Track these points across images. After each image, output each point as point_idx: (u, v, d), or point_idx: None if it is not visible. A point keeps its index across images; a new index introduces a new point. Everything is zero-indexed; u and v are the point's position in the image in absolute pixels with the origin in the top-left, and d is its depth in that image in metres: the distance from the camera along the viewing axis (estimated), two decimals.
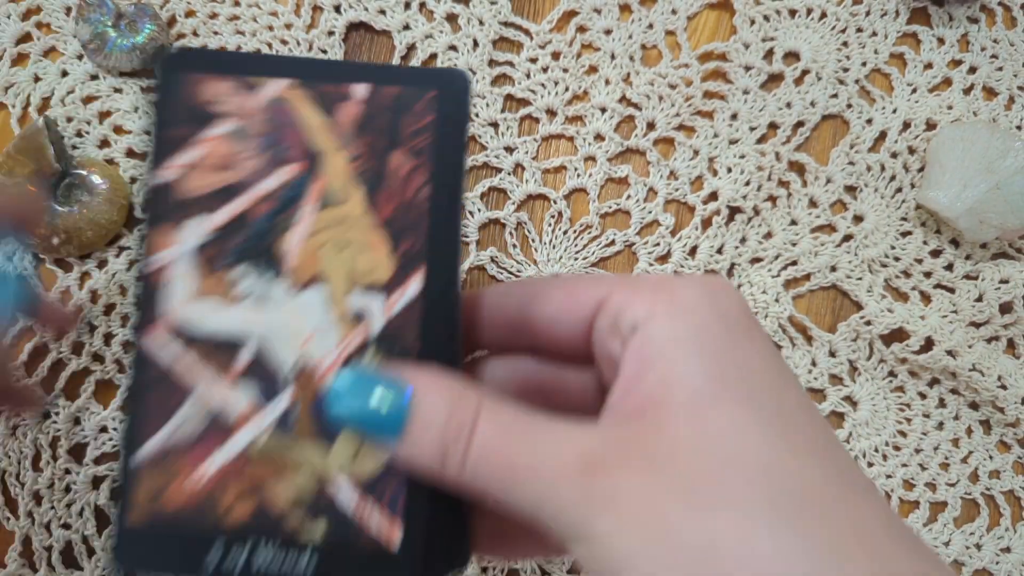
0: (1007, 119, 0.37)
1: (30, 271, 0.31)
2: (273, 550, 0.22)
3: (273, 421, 0.22)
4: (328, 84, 0.23)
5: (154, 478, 0.22)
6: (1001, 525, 0.36)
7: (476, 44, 0.36)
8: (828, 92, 0.37)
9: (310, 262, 0.23)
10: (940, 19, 0.38)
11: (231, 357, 0.22)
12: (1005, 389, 0.35)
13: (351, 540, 0.22)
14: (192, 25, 0.36)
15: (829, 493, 0.18)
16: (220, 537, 0.22)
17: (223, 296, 0.22)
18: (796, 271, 0.37)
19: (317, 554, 0.22)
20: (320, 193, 0.23)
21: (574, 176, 0.37)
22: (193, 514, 0.22)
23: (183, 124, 0.23)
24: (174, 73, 0.23)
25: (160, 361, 0.22)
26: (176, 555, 0.22)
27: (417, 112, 0.23)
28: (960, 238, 0.37)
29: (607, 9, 0.36)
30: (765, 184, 0.36)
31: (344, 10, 0.36)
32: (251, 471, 0.22)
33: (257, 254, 0.22)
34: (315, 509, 0.22)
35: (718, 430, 0.18)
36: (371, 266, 0.22)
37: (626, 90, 0.37)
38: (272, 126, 0.23)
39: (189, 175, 0.22)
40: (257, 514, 0.22)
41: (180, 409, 0.22)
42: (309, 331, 0.22)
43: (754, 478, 0.18)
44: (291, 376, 0.22)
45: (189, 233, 0.22)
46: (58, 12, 0.36)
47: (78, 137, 0.36)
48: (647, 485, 0.18)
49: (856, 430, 0.36)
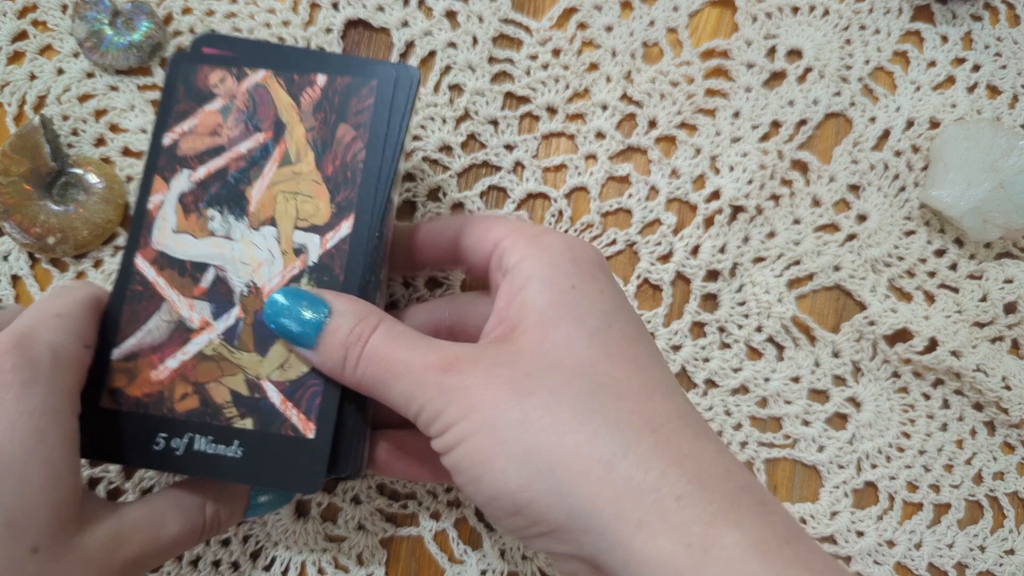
0: (1011, 117, 0.37)
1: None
2: (209, 439, 0.27)
3: (222, 332, 0.27)
4: (296, 73, 0.29)
5: (125, 370, 0.27)
6: (1005, 527, 0.36)
7: (475, 41, 0.36)
8: (831, 90, 0.36)
9: (267, 206, 0.28)
10: (943, 17, 0.37)
11: (196, 279, 0.28)
12: (1009, 390, 0.35)
13: (273, 430, 0.27)
14: (189, 22, 0.36)
15: (631, 388, 0.23)
16: (167, 424, 0.27)
17: (197, 231, 0.28)
18: (799, 271, 0.36)
19: (246, 440, 0.27)
20: (281, 154, 0.29)
21: (575, 174, 0.36)
22: (151, 401, 0.27)
23: (187, 100, 0.29)
24: (182, 62, 0.29)
25: (142, 277, 0.28)
26: (130, 438, 0.27)
27: (363, 95, 0.28)
28: (964, 237, 0.36)
29: (608, 6, 0.36)
30: (768, 183, 0.36)
31: (342, 7, 0.36)
32: (200, 371, 0.27)
33: (228, 200, 0.28)
34: (247, 404, 0.27)
35: (552, 341, 0.23)
36: (313, 211, 0.28)
37: (627, 87, 0.36)
38: (252, 104, 0.29)
39: (185, 138, 0.29)
40: (200, 406, 0.27)
41: (152, 317, 0.28)
42: (260, 261, 0.28)
43: (569, 374, 0.23)
44: (240, 297, 0.28)
45: (177, 182, 0.28)
46: (54, 10, 0.36)
47: (74, 135, 0.35)
48: (488, 380, 0.23)
49: (860, 431, 0.36)
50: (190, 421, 0.27)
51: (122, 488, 0.34)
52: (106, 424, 0.27)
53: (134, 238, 0.28)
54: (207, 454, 0.27)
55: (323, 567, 0.35)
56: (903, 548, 0.36)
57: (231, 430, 0.27)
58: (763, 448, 0.36)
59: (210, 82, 0.29)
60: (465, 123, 0.36)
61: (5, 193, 0.34)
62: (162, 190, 0.28)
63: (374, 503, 0.35)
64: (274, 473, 0.26)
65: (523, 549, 0.35)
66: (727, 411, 0.36)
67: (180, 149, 0.29)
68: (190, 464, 0.27)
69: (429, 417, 0.23)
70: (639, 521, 0.20)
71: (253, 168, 0.28)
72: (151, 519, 0.26)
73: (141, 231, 0.28)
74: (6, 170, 0.34)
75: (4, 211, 0.34)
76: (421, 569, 0.35)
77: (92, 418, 0.27)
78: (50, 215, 0.34)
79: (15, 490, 0.22)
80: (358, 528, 0.35)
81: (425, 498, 0.35)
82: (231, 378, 0.27)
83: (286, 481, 0.26)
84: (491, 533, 0.35)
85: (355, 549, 0.35)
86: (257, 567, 0.34)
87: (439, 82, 0.36)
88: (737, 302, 0.36)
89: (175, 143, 0.29)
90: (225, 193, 0.28)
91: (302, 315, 0.25)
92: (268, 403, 0.27)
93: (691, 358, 0.36)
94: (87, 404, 0.27)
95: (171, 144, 0.29)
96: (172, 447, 0.27)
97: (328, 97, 0.28)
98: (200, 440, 0.27)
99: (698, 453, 0.22)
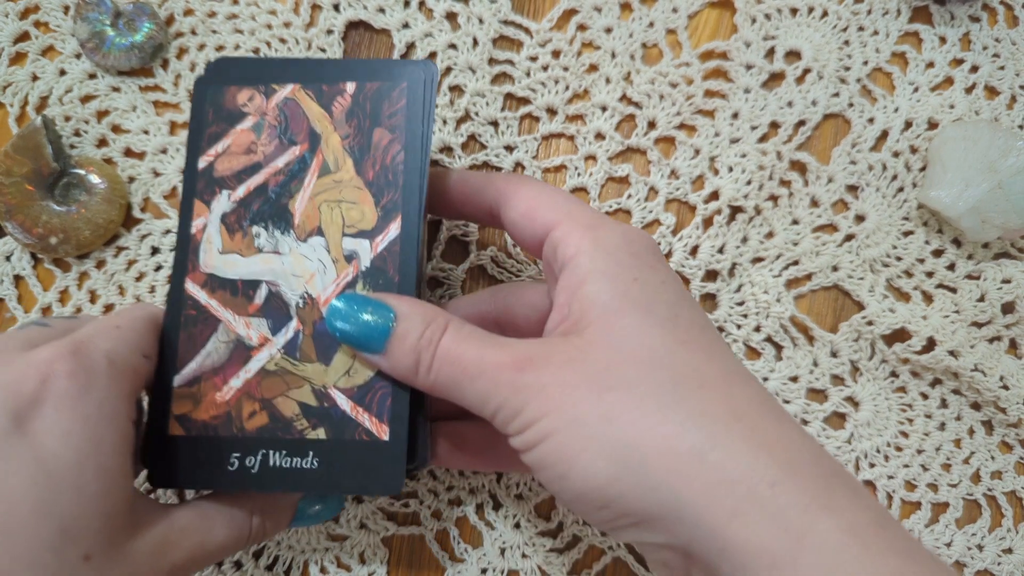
0: (1009, 118, 0.37)
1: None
2: (283, 453, 0.27)
3: (282, 346, 0.28)
4: (325, 84, 0.29)
5: (189, 395, 0.27)
6: (1003, 526, 0.36)
7: (476, 42, 0.36)
8: (830, 91, 0.37)
9: (312, 217, 0.28)
10: (942, 18, 0.38)
11: (250, 297, 0.28)
12: (1007, 389, 0.35)
13: (347, 437, 0.27)
14: (191, 24, 0.36)
15: (710, 376, 0.23)
16: (239, 443, 0.27)
17: (244, 250, 0.28)
18: (798, 271, 0.36)
19: (320, 449, 0.27)
20: (319, 164, 0.29)
21: (574, 175, 0.36)
22: (219, 422, 0.27)
23: (217, 123, 0.29)
24: (208, 85, 0.29)
25: (194, 301, 0.28)
26: (203, 461, 0.27)
27: (394, 98, 0.29)
28: (962, 238, 0.37)
29: (608, 7, 0.36)
30: (766, 183, 0.36)
31: (343, 8, 0.36)
32: (265, 387, 0.27)
33: (271, 215, 0.28)
34: (318, 415, 0.27)
35: (622, 332, 0.23)
36: (359, 217, 0.28)
37: (627, 89, 0.36)
38: (284, 118, 0.29)
39: (220, 159, 0.29)
40: (270, 421, 0.27)
41: (209, 340, 0.28)
42: (311, 271, 0.28)
43: (646, 366, 0.23)
44: (296, 309, 0.28)
45: (218, 204, 0.29)
46: (56, 11, 0.36)
47: (76, 136, 0.36)
48: (565, 377, 0.23)
49: (858, 431, 0.36)
50: (262, 438, 0.27)
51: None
52: (176, 452, 0.27)
53: (181, 264, 0.28)
54: (283, 468, 0.27)
55: (325, 566, 0.35)
56: None
57: (304, 442, 0.27)
58: None
59: (238, 101, 0.29)
60: (465, 124, 0.36)
61: (7, 194, 0.34)
62: (203, 213, 0.28)
63: (375, 502, 0.35)
64: (353, 479, 0.26)
65: (523, 548, 0.35)
66: None
67: (216, 171, 0.29)
68: (267, 480, 0.27)
69: (507, 416, 0.23)
70: (733, 509, 0.20)
71: (293, 181, 0.29)
72: (200, 525, 0.26)
73: (188, 256, 0.28)
74: (8, 171, 0.34)
75: (6, 211, 0.34)
76: (422, 568, 0.35)
77: (160, 447, 0.27)
78: (52, 215, 0.34)
79: (71, 498, 0.22)
80: (360, 527, 0.35)
81: (426, 497, 0.35)
82: (298, 390, 0.27)
83: (367, 485, 0.27)
84: (491, 532, 0.35)
85: (357, 548, 0.35)
86: (260, 566, 0.35)
87: (440, 83, 0.36)
88: (736, 302, 0.36)
89: (211, 165, 0.29)
90: (268, 209, 0.28)
91: (367, 321, 0.25)
92: (339, 411, 0.27)
93: None
94: (154, 434, 0.27)
95: (207, 167, 0.29)
96: (247, 466, 0.27)
97: (359, 103, 0.29)
98: (274, 455, 0.27)
99: (785, 440, 0.22)
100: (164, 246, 0.36)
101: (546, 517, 0.35)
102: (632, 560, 0.35)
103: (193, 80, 0.30)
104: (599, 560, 0.35)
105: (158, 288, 0.35)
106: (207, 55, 0.36)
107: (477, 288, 0.36)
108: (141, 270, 0.36)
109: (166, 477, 0.27)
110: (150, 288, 0.35)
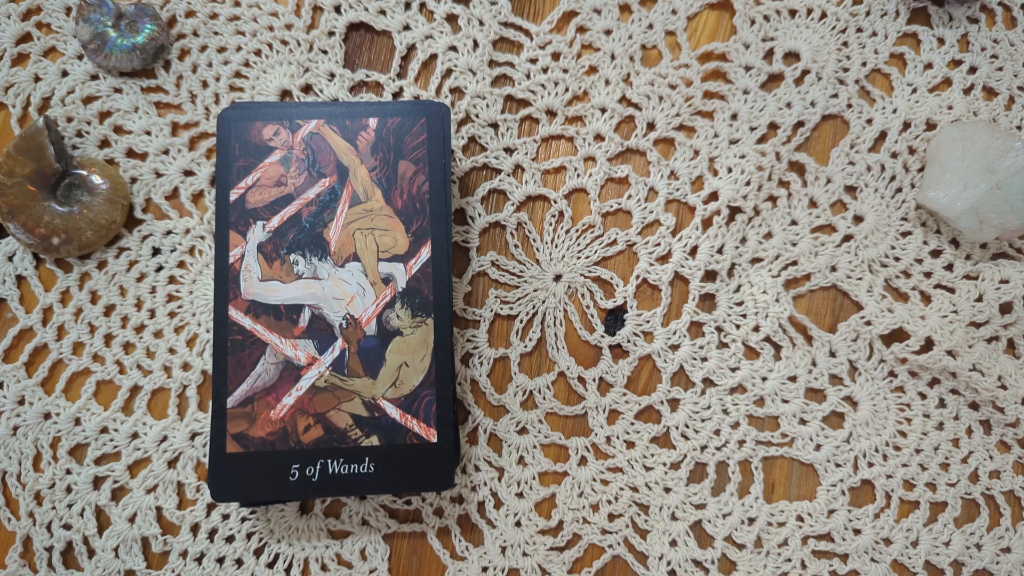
0: (1007, 119, 0.37)
1: None
2: (341, 460, 0.29)
3: (330, 364, 0.30)
4: (348, 119, 0.31)
5: (244, 415, 0.30)
6: (1001, 525, 0.36)
7: (476, 45, 0.36)
8: (828, 92, 0.37)
9: (347, 244, 0.31)
10: (940, 19, 0.38)
11: (294, 320, 0.30)
12: (1005, 389, 0.35)
13: (399, 442, 0.30)
14: (192, 25, 0.36)
15: None
16: (297, 455, 0.29)
17: (284, 277, 0.31)
18: (796, 271, 0.37)
19: (375, 455, 0.30)
20: (350, 195, 0.31)
21: (574, 176, 0.37)
22: (276, 438, 0.29)
23: (245, 157, 0.31)
24: (232, 119, 0.31)
25: (239, 327, 0.30)
26: (265, 474, 0.29)
27: (415, 133, 0.31)
28: (960, 238, 0.37)
29: (607, 9, 0.37)
30: (765, 184, 0.36)
31: (344, 10, 0.36)
32: (317, 402, 0.30)
33: (308, 243, 0.31)
34: (370, 424, 0.30)
35: None
36: (392, 243, 0.31)
37: (626, 90, 0.37)
38: (311, 152, 0.31)
39: (251, 192, 0.31)
40: (325, 433, 0.30)
41: (258, 362, 0.30)
42: (351, 294, 0.30)
43: None
44: (340, 330, 0.30)
45: (253, 234, 0.31)
46: (58, 12, 0.36)
47: (78, 137, 0.36)
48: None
49: (856, 430, 0.36)
50: (318, 449, 0.30)
51: (127, 487, 0.35)
52: (235, 468, 0.29)
53: (223, 292, 0.30)
54: (342, 475, 0.30)
55: (326, 563, 0.35)
56: (900, 546, 0.36)
57: (360, 449, 0.30)
58: (760, 447, 0.36)
59: (264, 136, 0.31)
60: (466, 126, 0.36)
61: (10, 194, 0.34)
62: (240, 243, 0.31)
63: (377, 499, 0.35)
64: (408, 479, 0.30)
65: (524, 547, 0.35)
66: (725, 410, 0.36)
67: (248, 202, 0.31)
68: (327, 487, 0.30)
69: None
70: None
71: (325, 211, 0.31)
72: None
73: (228, 285, 0.30)
74: (11, 171, 0.34)
75: (9, 212, 0.34)
76: (423, 565, 0.35)
77: (220, 465, 0.29)
78: (54, 216, 0.34)
79: None
80: (361, 524, 0.35)
81: (428, 495, 0.35)
82: (349, 403, 0.30)
83: (420, 484, 0.30)
84: (492, 530, 0.35)
85: (358, 545, 0.35)
86: (260, 563, 0.35)
87: (440, 85, 0.37)
88: (735, 302, 0.37)
89: (242, 197, 0.31)
90: (303, 238, 0.31)
91: None
92: (389, 419, 0.30)
93: (689, 357, 0.36)
94: (213, 453, 0.29)
95: (238, 199, 0.31)
96: (307, 475, 0.29)
97: (383, 137, 0.31)
98: (332, 464, 0.30)
99: None
100: (165, 247, 0.36)
101: (546, 515, 0.36)
102: (632, 559, 0.35)
103: (216, 115, 0.33)
104: (599, 558, 0.35)
105: (159, 289, 0.36)
106: (209, 56, 0.36)
107: (483, 296, 0.36)
108: (142, 271, 0.36)
109: (227, 493, 0.29)
110: (151, 289, 0.36)
